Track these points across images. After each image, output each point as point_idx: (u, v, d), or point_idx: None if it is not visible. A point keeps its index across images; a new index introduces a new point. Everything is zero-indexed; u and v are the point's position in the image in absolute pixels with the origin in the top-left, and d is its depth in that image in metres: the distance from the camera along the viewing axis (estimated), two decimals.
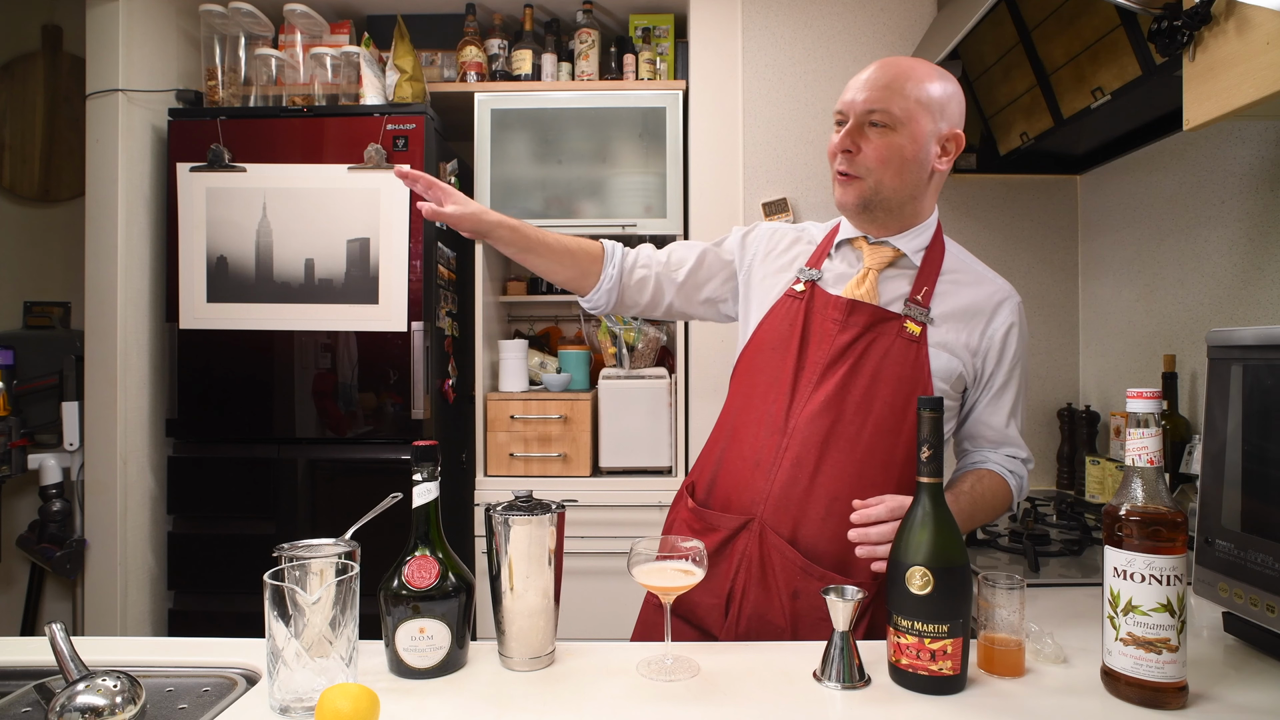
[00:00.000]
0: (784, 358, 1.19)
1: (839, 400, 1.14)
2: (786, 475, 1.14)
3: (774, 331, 1.22)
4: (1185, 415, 1.77)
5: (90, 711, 0.77)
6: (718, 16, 2.41)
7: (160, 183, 2.42)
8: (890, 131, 1.13)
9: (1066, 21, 1.72)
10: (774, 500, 1.14)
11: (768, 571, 1.13)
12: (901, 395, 1.14)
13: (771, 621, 1.12)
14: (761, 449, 1.17)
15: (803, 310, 1.20)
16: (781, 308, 1.23)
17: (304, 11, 2.42)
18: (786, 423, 1.16)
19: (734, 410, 1.25)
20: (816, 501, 1.12)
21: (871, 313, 1.17)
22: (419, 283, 2.25)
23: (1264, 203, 1.59)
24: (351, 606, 0.88)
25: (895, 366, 1.15)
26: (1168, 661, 0.82)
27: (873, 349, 1.15)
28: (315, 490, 2.27)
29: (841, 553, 1.11)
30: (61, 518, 2.32)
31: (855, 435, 1.13)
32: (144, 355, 2.37)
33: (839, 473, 1.13)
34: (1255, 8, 0.99)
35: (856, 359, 1.15)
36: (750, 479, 1.17)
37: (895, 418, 1.14)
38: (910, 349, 1.15)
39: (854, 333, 1.16)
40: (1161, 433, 0.85)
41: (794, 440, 1.14)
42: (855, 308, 1.17)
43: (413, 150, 2.26)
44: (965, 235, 2.37)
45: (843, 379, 1.14)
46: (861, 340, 1.16)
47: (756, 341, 1.25)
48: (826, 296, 1.20)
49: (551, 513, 0.97)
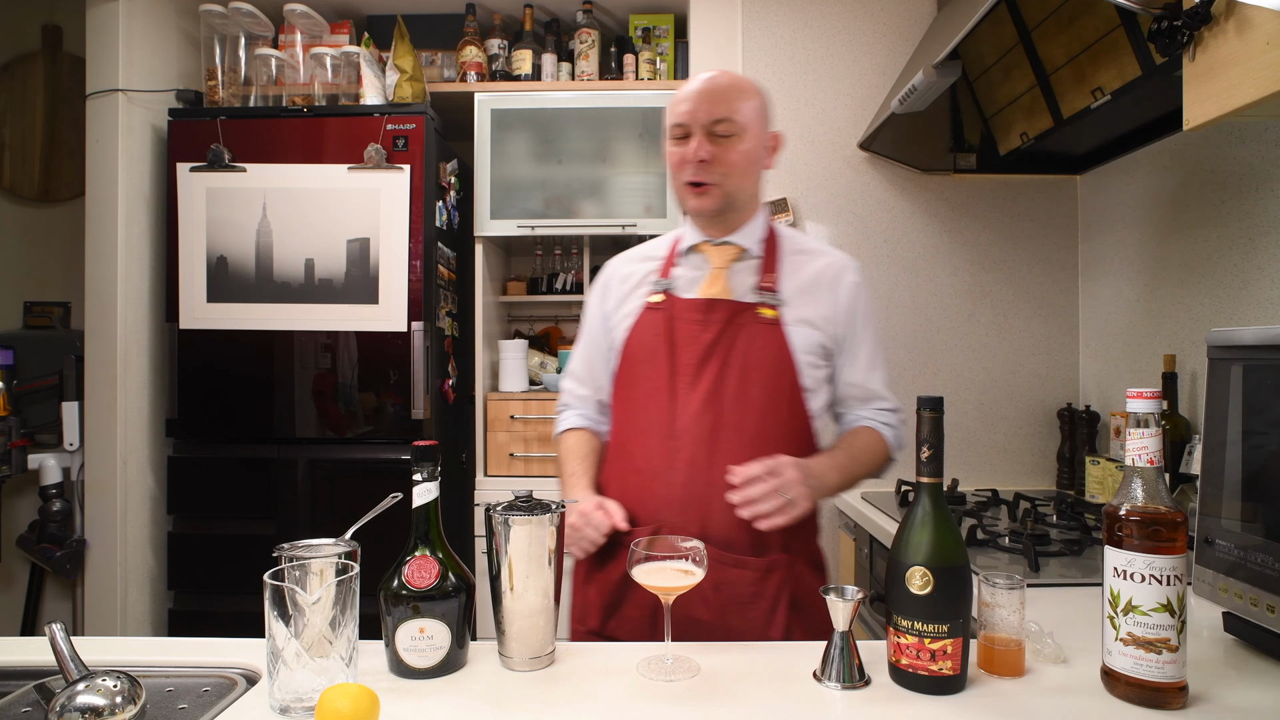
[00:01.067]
0: (656, 367, 1.23)
1: (717, 394, 1.19)
2: (683, 476, 1.18)
3: (641, 345, 1.26)
4: (1185, 415, 1.77)
5: (90, 711, 0.77)
6: (718, 16, 2.41)
7: (160, 183, 2.42)
8: (736, 139, 1.21)
9: (1066, 21, 1.72)
10: (677, 503, 1.18)
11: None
12: (773, 377, 1.21)
13: (699, 619, 1.14)
14: (654, 457, 1.21)
15: (664, 319, 1.25)
16: (644, 322, 1.27)
17: (304, 11, 2.42)
18: (673, 427, 1.20)
19: (621, 427, 1.29)
20: (717, 494, 1.16)
21: (728, 307, 1.23)
22: (419, 283, 2.25)
23: (1264, 203, 1.59)
24: (351, 606, 0.88)
25: (761, 351, 1.21)
26: (1168, 661, 0.82)
27: (737, 340, 1.21)
28: (315, 490, 2.27)
29: (752, 536, 1.16)
30: (61, 518, 2.32)
31: (739, 424, 1.19)
32: (144, 355, 2.37)
33: (732, 462, 1.16)
34: (1255, 8, 0.99)
35: (725, 353, 1.21)
36: (650, 488, 1.20)
37: (772, 399, 1.20)
38: (771, 332, 1.22)
39: (717, 329, 1.22)
40: (1161, 433, 0.85)
41: (684, 442, 1.19)
42: (713, 305, 1.23)
43: (413, 150, 2.26)
44: (965, 235, 2.37)
45: (716, 374, 1.20)
46: (725, 334, 1.21)
47: (628, 358, 1.28)
48: (684, 301, 1.25)
49: (552, 513, 0.97)
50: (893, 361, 2.37)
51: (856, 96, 2.38)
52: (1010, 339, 2.37)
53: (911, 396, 1.01)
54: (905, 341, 2.37)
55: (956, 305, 2.37)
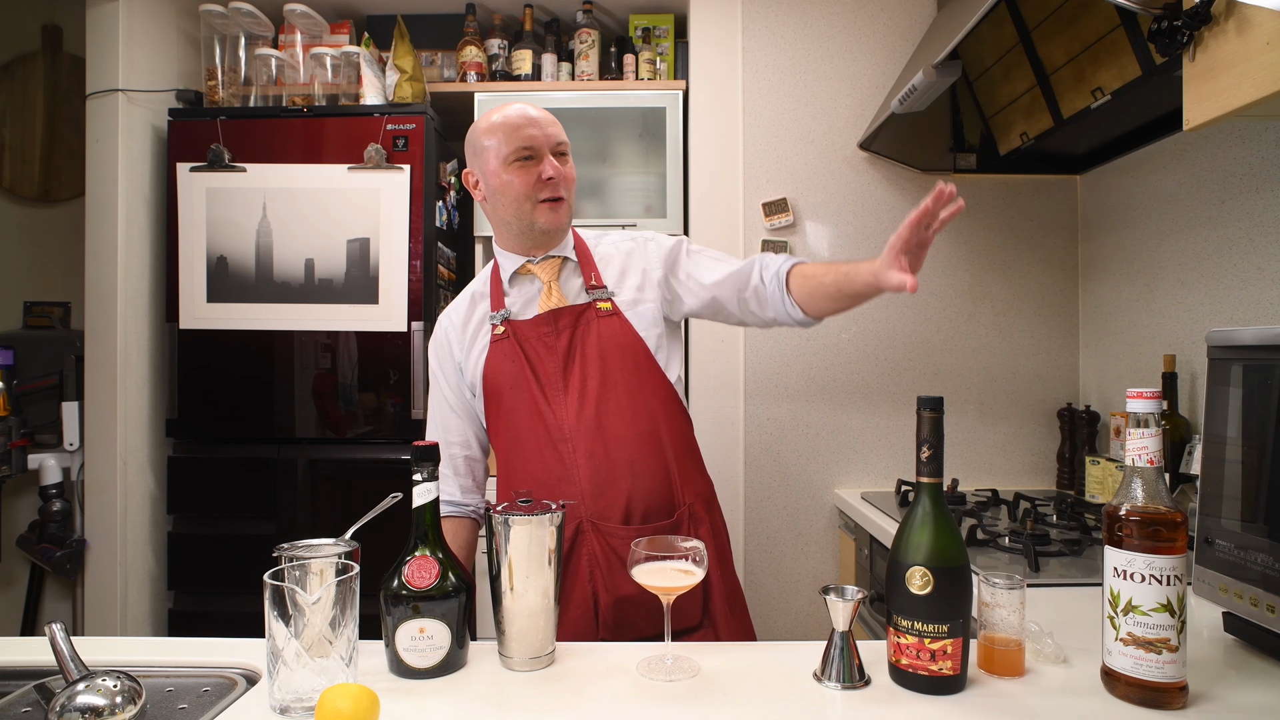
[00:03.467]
0: (524, 389, 1.30)
1: (588, 390, 1.28)
2: (586, 468, 1.26)
3: (501, 374, 1.32)
4: (1185, 415, 1.77)
5: (90, 711, 0.77)
6: (718, 16, 2.41)
7: (160, 183, 2.42)
8: (569, 158, 1.34)
9: (1066, 21, 1.72)
10: (588, 494, 1.25)
11: (611, 555, 1.24)
12: (629, 359, 1.31)
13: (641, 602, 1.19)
14: (551, 464, 1.27)
15: (514, 344, 1.31)
16: (496, 353, 1.33)
17: (304, 11, 2.42)
18: (561, 431, 1.28)
19: (510, 452, 1.33)
20: (621, 475, 1.26)
21: (571, 312, 1.32)
22: (419, 283, 2.25)
23: (1264, 203, 1.59)
24: (351, 606, 0.88)
25: (611, 340, 1.31)
26: (1168, 661, 0.82)
27: (588, 338, 1.30)
28: (315, 490, 2.27)
29: (664, 500, 1.28)
30: (61, 518, 2.32)
31: (618, 407, 1.28)
32: (144, 355, 2.37)
33: (623, 441, 1.27)
34: (1255, 8, 0.99)
35: (580, 353, 1.30)
36: (559, 493, 1.26)
37: (635, 378, 1.30)
38: (613, 321, 1.32)
39: (568, 334, 1.31)
40: (1161, 433, 0.85)
41: (577, 441, 1.27)
42: (558, 314, 1.31)
43: (413, 150, 2.26)
44: (965, 235, 2.37)
45: (580, 373, 1.29)
46: (576, 336, 1.31)
47: (492, 390, 1.33)
48: (527, 321, 1.32)
49: (552, 513, 0.97)
50: (893, 361, 2.38)
51: (856, 96, 2.38)
52: (1010, 339, 2.37)
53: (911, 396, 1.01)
54: (905, 341, 2.37)
55: (956, 305, 2.37)
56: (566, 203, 1.33)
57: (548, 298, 1.33)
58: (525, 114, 1.30)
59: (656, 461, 1.29)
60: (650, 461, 1.28)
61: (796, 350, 2.37)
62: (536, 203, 1.30)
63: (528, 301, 1.35)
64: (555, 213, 1.31)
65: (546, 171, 1.29)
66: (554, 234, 1.34)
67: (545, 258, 1.36)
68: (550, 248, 1.36)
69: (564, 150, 1.33)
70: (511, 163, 1.29)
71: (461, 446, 1.40)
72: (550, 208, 1.31)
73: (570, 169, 1.34)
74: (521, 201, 1.30)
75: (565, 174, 1.32)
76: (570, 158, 1.35)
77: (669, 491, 1.29)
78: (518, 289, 1.37)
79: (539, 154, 1.29)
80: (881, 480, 2.35)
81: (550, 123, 1.32)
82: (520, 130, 1.29)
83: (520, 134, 1.29)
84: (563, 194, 1.32)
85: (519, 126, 1.29)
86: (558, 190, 1.31)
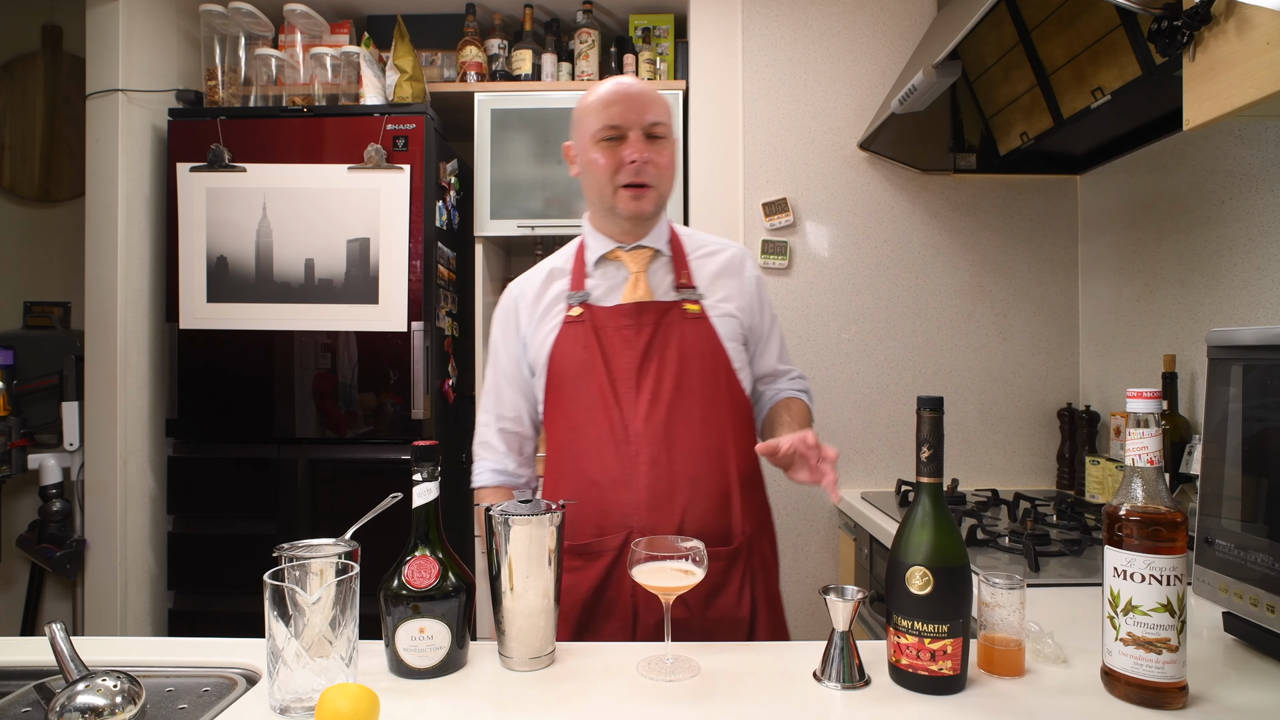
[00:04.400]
0: (593, 379, 1.23)
1: (662, 394, 1.22)
2: (647, 478, 1.19)
3: (571, 359, 1.25)
4: (1185, 415, 1.77)
5: (90, 711, 0.77)
6: (718, 16, 2.41)
7: (160, 183, 2.42)
8: (667, 141, 1.25)
9: (1066, 21, 1.72)
10: (644, 506, 1.19)
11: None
12: (709, 368, 1.25)
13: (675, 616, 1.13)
14: (613, 466, 1.21)
15: (590, 330, 1.25)
16: (567, 336, 1.26)
17: (304, 11, 2.42)
18: (626, 433, 1.21)
19: (565, 444, 1.27)
20: (681, 489, 1.19)
21: (657, 308, 1.25)
22: (419, 283, 2.25)
23: (1264, 203, 1.59)
24: (351, 606, 0.88)
25: (694, 345, 1.24)
26: (1168, 661, 0.82)
27: (670, 339, 1.24)
28: (315, 490, 2.27)
29: (720, 525, 1.21)
30: (61, 518, 2.32)
31: (689, 417, 1.22)
32: (144, 355, 2.37)
33: (690, 455, 1.21)
34: (1255, 8, 0.99)
35: (660, 353, 1.23)
36: (614, 497, 1.20)
37: (712, 389, 1.24)
38: (699, 325, 1.26)
39: (649, 331, 1.24)
40: (1161, 433, 0.85)
41: (641, 445, 1.20)
42: (642, 309, 1.25)
43: (413, 150, 2.26)
44: (965, 235, 2.37)
45: (657, 375, 1.22)
46: (658, 335, 1.24)
47: (557, 375, 1.27)
48: (608, 309, 1.26)
49: (552, 513, 0.97)
50: (893, 361, 2.38)
51: (856, 96, 2.38)
52: (1010, 339, 2.37)
53: (911, 396, 1.02)
54: (905, 341, 2.37)
55: (956, 305, 2.37)
56: (655, 191, 1.24)
57: (633, 289, 1.26)
58: (617, 90, 1.22)
59: (719, 481, 1.22)
60: (712, 480, 1.21)
61: (796, 350, 2.36)
62: (618, 187, 1.22)
63: (611, 288, 1.28)
64: (638, 200, 1.23)
65: (629, 154, 1.20)
66: (638, 222, 1.26)
67: (636, 246, 1.28)
68: (641, 236, 1.29)
69: (658, 133, 1.23)
70: (598, 141, 1.22)
71: (514, 421, 1.35)
72: (633, 194, 1.23)
73: (665, 154, 1.24)
74: (603, 184, 1.23)
75: (656, 159, 1.22)
76: (668, 140, 1.25)
77: (727, 516, 1.22)
78: (602, 273, 1.30)
79: (626, 134, 1.21)
80: (881, 480, 2.35)
81: (645, 102, 1.22)
82: (608, 107, 1.21)
83: (607, 111, 1.21)
84: (648, 180, 1.22)
85: (608, 103, 1.22)
86: (641, 175, 1.21)
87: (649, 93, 1.24)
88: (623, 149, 1.21)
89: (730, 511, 1.22)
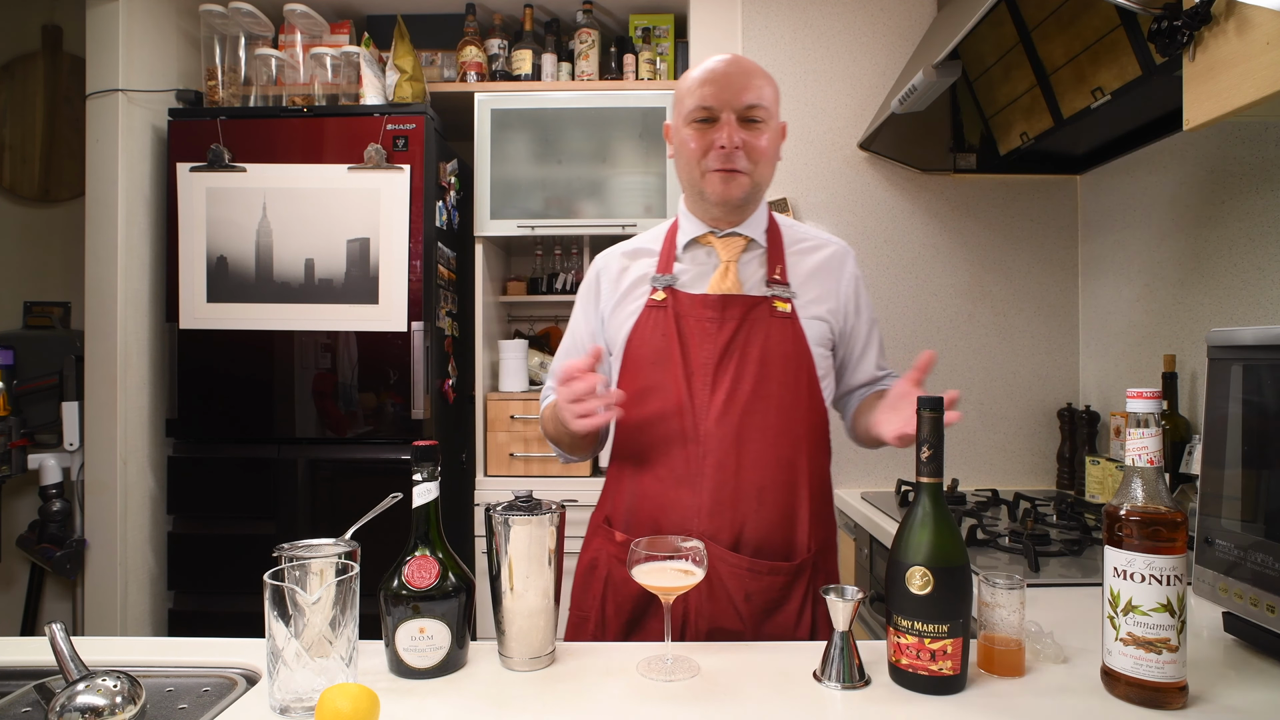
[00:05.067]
0: (668, 368, 1.17)
1: (739, 395, 1.15)
2: (711, 482, 1.14)
3: (648, 345, 1.19)
4: (1185, 415, 1.77)
5: (90, 711, 0.77)
6: (718, 16, 2.41)
7: (160, 183, 2.42)
8: (765, 125, 1.17)
9: (1066, 21, 1.72)
10: (706, 510, 1.14)
11: (715, 583, 1.13)
12: (791, 373, 1.17)
13: (727, 628, 1.12)
14: (678, 464, 1.16)
15: (671, 317, 1.18)
16: (647, 320, 1.20)
17: (304, 11, 2.42)
18: (696, 432, 1.15)
19: (633, 432, 1.21)
20: (747, 498, 1.14)
21: (744, 302, 1.18)
22: (419, 283, 2.25)
23: (1264, 203, 1.59)
24: (351, 606, 0.88)
25: (779, 347, 1.17)
26: (1168, 661, 0.82)
27: (754, 337, 1.17)
28: (315, 490, 2.27)
29: (783, 538, 1.16)
30: (61, 518, 2.32)
31: (764, 423, 1.15)
32: (144, 355, 2.37)
33: (759, 463, 1.15)
34: (1255, 8, 0.99)
35: (742, 351, 1.16)
36: (676, 496, 1.16)
37: (791, 396, 1.17)
38: (787, 325, 1.18)
39: (733, 326, 1.17)
40: (1161, 433, 0.85)
41: (709, 446, 1.15)
42: (728, 301, 1.18)
43: (413, 150, 2.26)
44: (965, 235, 2.37)
45: (735, 373, 1.16)
46: (742, 331, 1.17)
47: (632, 359, 1.21)
48: (692, 297, 1.19)
49: (551, 513, 0.97)
50: (893, 362, 2.35)
51: (856, 96, 2.38)
52: (1010, 339, 2.37)
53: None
54: (905, 341, 2.37)
55: (956, 305, 2.37)
56: (748, 177, 1.17)
57: (722, 278, 1.20)
58: (712, 70, 1.16)
59: (786, 494, 1.16)
60: (780, 492, 1.15)
61: None
62: (706, 170, 1.17)
63: (698, 275, 1.22)
64: (726, 185, 1.16)
65: (720, 139, 1.14)
66: (728, 208, 1.19)
67: (730, 233, 1.22)
68: (736, 223, 1.22)
69: (755, 116, 1.15)
70: (690, 121, 1.17)
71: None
72: (721, 178, 1.16)
73: (762, 138, 1.16)
74: (692, 165, 1.18)
75: (749, 144, 1.15)
76: (766, 125, 1.17)
77: (790, 532, 1.16)
78: (691, 257, 1.24)
79: (717, 115, 1.15)
80: (881, 480, 2.35)
81: (742, 83, 1.15)
82: (701, 87, 1.15)
83: (700, 92, 1.15)
84: (739, 165, 1.15)
85: (702, 83, 1.16)
86: (731, 161, 1.15)
87: (748, 73, 1.16)
88: (714, 132, 1.15)
89: (795, 527, 1.16)
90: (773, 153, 1.20)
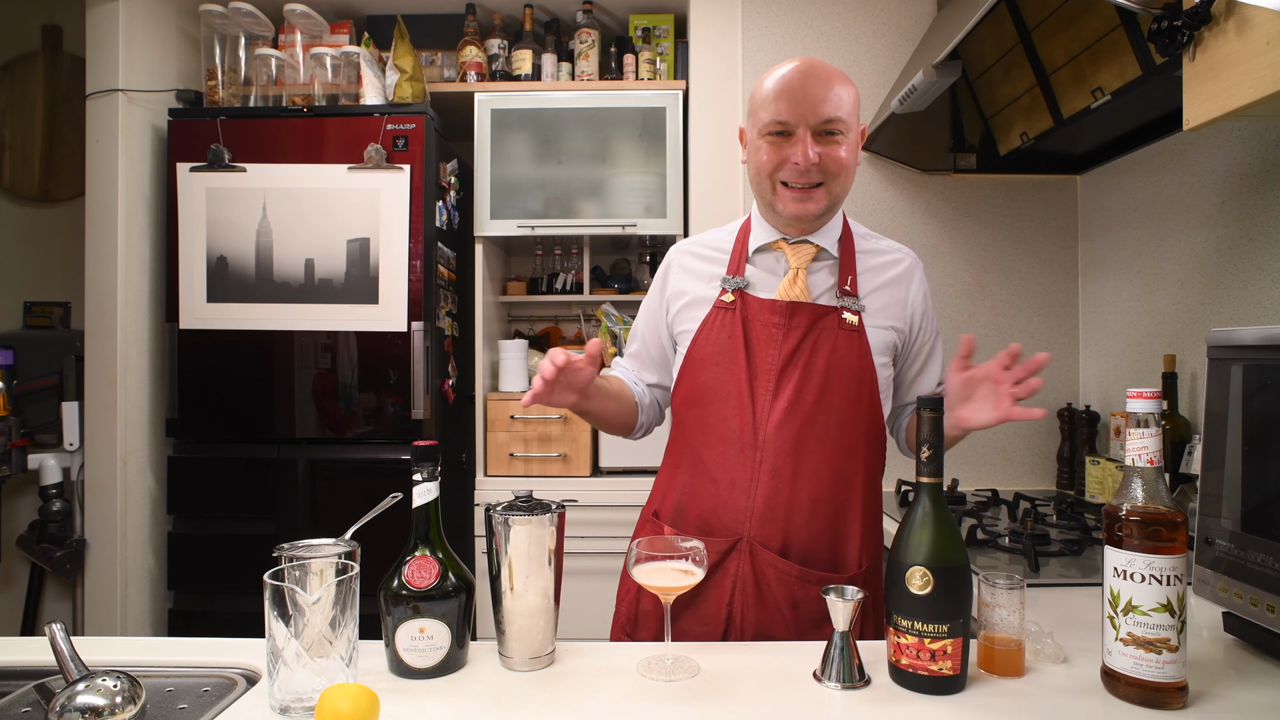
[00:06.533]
0: (732, 371, 1.17)
1: (800, 404, 1.15)
2: (766, 489, 1.14)
3: (713, 345, 1.19)
4: (1185, 415, 1.77)
5: (90, 711, 0.77)
6: (718, 16, 2.41)
7: (160, 183, 2.42)
8: (844, 138, 1.14)
9: (1066, 21, 1.72)
10: (758, 516, 1.14)
11: (764, 588, 1.13)
12: (853, 386, 1.16)
13: (773, 635, 1.13)
14: (734, 467, 1.16)
15: (738, 320, 1.18)
16: (714, 320, 1.20)
17: (304, 11, 2.42)
18: (755, 437, 1.15)
19: (690, 431, 1.22)
20: (800, 508, 1.14)
21: (811, 311, 1.17)
22: (419, 283, 2.25)
23: (1264, 203, 1.59)
24: (351, 606, 0.88)
25: (844, 359, 1.16)
26: (1168, 661, 0.82)
27: (819, 347, 1.16)
28: (315, 490, 2.27)
29: (832, 551, 1.16)
30: (61, 518, 2.32)
31: (823, 435, 1.15)
32: (144, 355, 2.37)
33: (815, 474, 1.14)
34: (1255, 8, 0.99)
35: (807, 360, 1.16)
36: (729, 499, 1.15)
37: (853, 408, 1.17)
38: (853, 338, 1.17)
39: (799, 334, 1.16)
40: (1161, 433, 0.85)
41: (766, 453, 1.14)
42: (795, 309, 1.17)
43: (413, 150, 2.26)
44: (965, 235, 2.37)
45: (799, 382, 1.15)
46: (807, 340, 1.16)
47: (696, 358, 1.21)
48: (760, 302, 1.18)
49: (551, 513, 0.97)
50: None
51: None
52: (1010, 339, 2.36)
53: None
54: None
55: (956, 305, 2.37)
56: (825, 190, 1.14)
57: (791, 285, 1.18)
58: (787, 81, 1.12)
59: (840, 507, 1.16)
60: (834, 505, 1.15)
61: None
62: (778, 184, 1.15)
63: (768, 279, 1.21)
64: (802, 203, 1.14)
65: (794, 157, 1.11)
66: (808, 221, 1.18)
67: (801, 240, 1.20)
68: (808, 231, 1.20)
69: (834, 129, 1.11)
70: (764, 133, 1.14)
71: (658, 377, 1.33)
72: (795, 196, 1.14)
73: (840, 149, 1.12)
74: (762, 178, 1.16)
75: (827, 155, 1.12)
76: (846, 136, 1.13)
77: (841, 545, 1.16)
78: (761, 260, 1.23)
79: (793, 130, 1.12)
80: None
81: (819, 94, 1.10)
82: (776, 100, 1.12)
83: (775, 105, 1.12)
84: (816, 179, 1.13)
85: (775, 96, 1.12)
86: (807, 177, 1.13)
87: (826, 84, 1.11)
88: (789, 147, 1.12)
89: (846, 541, 1.16)
90: (852, 163, 1.16)
